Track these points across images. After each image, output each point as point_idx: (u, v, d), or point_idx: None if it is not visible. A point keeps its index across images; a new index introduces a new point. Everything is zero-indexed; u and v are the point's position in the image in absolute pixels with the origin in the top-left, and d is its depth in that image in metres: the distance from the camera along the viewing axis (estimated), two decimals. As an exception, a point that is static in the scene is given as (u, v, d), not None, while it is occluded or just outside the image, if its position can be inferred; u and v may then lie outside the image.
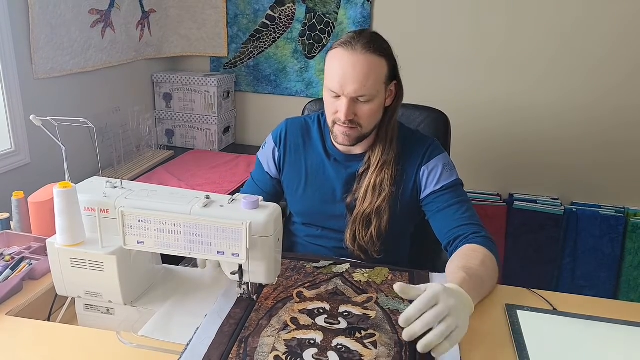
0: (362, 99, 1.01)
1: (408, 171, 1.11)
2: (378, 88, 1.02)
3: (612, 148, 2.07)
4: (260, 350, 0.75)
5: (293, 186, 1.18)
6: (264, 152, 1.22)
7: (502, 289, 0.97)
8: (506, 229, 2.13)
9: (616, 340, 0.81)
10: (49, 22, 1.61)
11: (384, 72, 1.03)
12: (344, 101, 1.02)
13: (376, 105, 1.04)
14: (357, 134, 1.06)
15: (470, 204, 1.09)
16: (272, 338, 0.78)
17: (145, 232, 0.81)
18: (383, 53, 1.02)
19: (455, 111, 1.62)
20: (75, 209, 0.83)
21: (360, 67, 0.99)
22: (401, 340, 0.77)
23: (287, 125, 1.20)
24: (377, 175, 1.08)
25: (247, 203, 0.81)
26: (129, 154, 2.02)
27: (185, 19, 2.31)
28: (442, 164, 1.10)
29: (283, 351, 0.75)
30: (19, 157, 1.57)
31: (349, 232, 1.11)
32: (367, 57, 0.99)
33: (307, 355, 0.74)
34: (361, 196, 1.09)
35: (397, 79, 1.08)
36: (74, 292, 0.88)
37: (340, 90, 1.01)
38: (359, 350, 0.75)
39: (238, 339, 0.77)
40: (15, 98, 1.54)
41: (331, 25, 2.20)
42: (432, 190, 1.09)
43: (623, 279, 2.09)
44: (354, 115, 1.03)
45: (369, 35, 1.03)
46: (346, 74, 1.00)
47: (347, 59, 1.00)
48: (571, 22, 1.98)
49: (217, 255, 0.80)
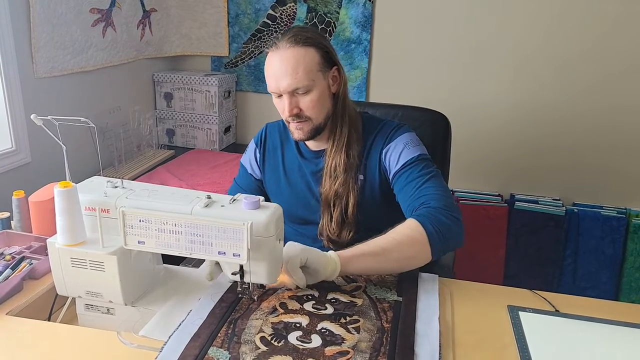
0: (300, 92, 1.04)
1: (373, 157, 1.12)
2: (312, 77, 1.03)
3: (614, 149, 2.06)
4: (247, 331, 0.79)
5: (273, 186, 1.22)
6: (247, 155, 1.26)
7: (504, 290, 0.96)
8: (507, 230, 2.13)
9: (618, 341, 0.81)
10: (49, 21, 1.61)
11: (314, 61, 1.04)
12: (285, 98, 1.05)
13: (317, 95, 1.05)
14: (309, 126, 1.08)
15: (435, 176, 1.06)
16: (260, 320, 0.82)
17: (146, 232, 0.81)
18: (308, 42, 1.03)
19: (457, 112, 1.62)
20: (76, 208, 0.83)
21: (287, 61, 1.02)
22: (384, 327, 0.81)
23: (266, 129, 1.25)
24: (332, 161, 1.10)
25: (248, 203, 0.80)
26: (130, 153, 2.02)
27: (186, 18, 2.31)
28: (403, 142, 1.09)
29: (269, 332, 0.79)
30: (19, 156, 1.57)
31: (320, 223, 1.14)
32: (292, 50, 1.02)
33: (292, 337, 0.78)
34: (322, 183, 1.12)
35: (336, 64, 1.09)
36: (74, 292, 0.88)
37: (277, 88, 1.05)
38: (342, 334, 0.79)
39: (228, 320, 0.81)
40: (16, 97, 1.54)
41: (332, 25, 2.20)
42: (395, 171, 1.08)
43: (624, 280, 2.09)
44: (299, 109, 1.06)
45: (293, 31, 1.05)
46: (277, 72, 1.03)
47: (275, 58, 1.04)
48: (572, 24, 1.97)
49: (218, 256, 0.80)
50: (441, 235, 0.93)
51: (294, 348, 0.75)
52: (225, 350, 0.74)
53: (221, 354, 0.74)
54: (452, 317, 0.86)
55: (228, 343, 0.76)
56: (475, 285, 0.97)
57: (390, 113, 1.38)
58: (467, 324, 0.85)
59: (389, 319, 0.83)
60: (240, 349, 0.75)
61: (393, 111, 1.39)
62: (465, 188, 2.22)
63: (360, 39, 2.18)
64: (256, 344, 0.76)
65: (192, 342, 0.76)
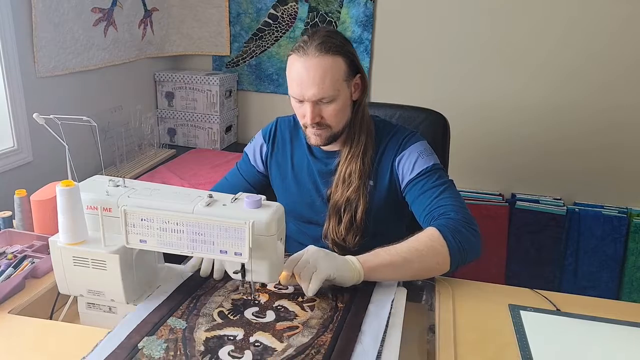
0: (325, 101, 1.02)
1: (385, 164, 1.11)
2: (338, 87, 1.02)
3: (616, 148, 2.06)
4: (208, 306, 0.84)
5: (279, 182, 1.20)
6: (252, 145, 1.25)
7: (506, 289, 0.96)
8: (508, 229, 2.13)
9: (619, 340, 0.81)
10: (51, 21, 1.61)
11: (341, 70, 1.02)
12: (307, 106, 1.03)
13: (340, 104, 1.04)
14: (328, 133, 1.07)
15: (451, 185, 1.06)
16: (222, 297, 0.87)
17: (147, 231, 0.81)
18: (337, 51, 1.01)
19: (459, 112, 1.62)
20: (77, 207, 0.83)
21: (315, 70, 0.99)
22: (338, 306, 0.85)
23: (277, 123, 1.23)
24: (347, 167, 1.09)
25: (250, 202, 0.80)
26: (131, 152, 2.02)
27: (188, 18, 2.31)
28: (417, 151, 1.09)
29: (228, 307, 0.84)
30: (21, 155, 1.57)
31: (326, 226, 1.13)
32: (320, 59, 0.99)
33: (248, 313, 0.83)
34: (333, 189, 1.11)
35: (360, 71, 1.08)
36: (76, 290, 0.88)
37: (301, 96, 1.02)
38: (296, 311, 0.84)
39: (192, 295, 0.87)
40: (18, 96, 1.54)
41: (334, 24, 2.20)
42: (409, 179, 1.08)
43: (626, 279, 2.08)
44: (320, 117, 1.04)
45: (322, 35, 1.01)
46: (303, 79, 1.00)
47: (302, 65, 1.00)
48: (571, 21, 1.97)
49: (219, 254, 0.80)
50: (461, 248, 0.93)
51: (247, 322, 0.80)
52: (184, 321, 0.80)
53: (179, 322, 0.80)
54: (453, 316, 0.86)
55: (187, 315, 0.82)
56: (476, 284, 0.97)
57: (389, 113, 1.38)
58: (468, 322, 0.85)
59: (344, 300, 0.86)
60: (198, 320, 0.80)
61: (391, 111, 1.39)
62: (466, 187, 2.21)
63: (361, 38, 2.18)
64: (213, 317, 0.81)
65: (155, 312, 0.82)
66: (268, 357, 0.72)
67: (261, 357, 0.72)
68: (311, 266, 0.85)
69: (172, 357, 0.72)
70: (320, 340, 0.76)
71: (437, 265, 0.92)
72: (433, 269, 0.93)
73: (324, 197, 1.14)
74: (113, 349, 0.73)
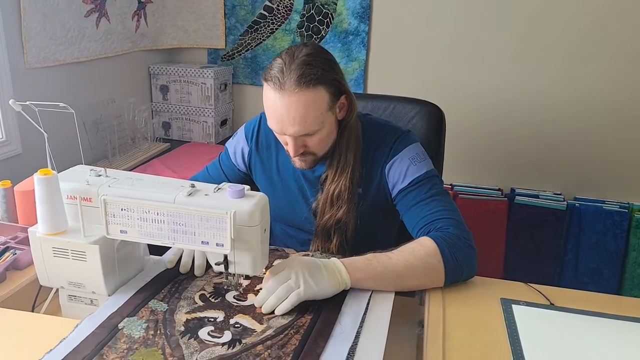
0: (309, 134, 0.96)
1: (374, 169, 1.05)
2: (322, 120, 0.95)
3: (616, 142, 2.03)
4: (190, 289, 0.86)
5: (265, 185, 1.15)
6: (233, 142, 1.18)
7: (499, 283, 0.94)
8: (507, 224, 2.10)
9: (614, 335, 0.78)
10: (41, 11, 1.59)
11: (324, 102, 0.94)
12: (289, 140, 0.97)
13: (325, 133, 0.98)
14: (312, 159, 1.02)
15: (445, 195, 1.01)
16: (205, 281, 0.88)
17: (128, 221, 0.79)
18: (318, 81, 0.91)
19: (457, 105, 1.59)
20: (57, 196, 0.81)
21: (295, 109, 0.91)
22: None
23: (260, 120, 1.15)
24: (335, 188, 1.02)
25: (232, 192, 0.78)
26: (124, 146, 2.00)
27: (183, 10, 2.28)
28: (408, 157, 1.02)
29: (209, 291, 0.86)
30: (10, 147, 1.55)
31: (314, 243, 1.08)
32: (300, 95, 0.90)
33: (229, 296, 0.84)
34: (320, 208, 1.05)
35: (345, 91, 0.99)
36: (56, 282, 0.86)
37: (281, 132, 0.96)
38: None
39: (174, 280, 0.88)
40: (6, 87, 1.52)
41: (330, 17, 2.17)
42: (400, 188, 1.02)
43: (627, 275, 2.05)
44: (304, 147, 0.98)
45: (299, 65, 0.91)
46: (282, 118, 0.93)
47: (279, 101, 0.92)
48: (568, 14, 1.93)
49: (201, 245, 0.78)
50: (458, 267, 0.89)
51: (228, 305, 0.82)
52: (165, 303, 0.82)
53: (160, 305, 0.81)
54: (442, 310, 0.84)
55: (169, 298, 0.83)
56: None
57: (384, 105, 1.35)
58: (457, 317, 0.82)
59: None
60: (179, 303, 0.82)
61: (386, 103, 1.36)
62: (464, 182, 2.19)
63: (358, 30, 2.15)
64: (194, 300, 0.83)
65: (136, 295, 0.84)
66: (247, 337, 0.74)
67: (240, 337, 0.74)
68: (293, 283, 0.80)
69: (152, 336, 0.73)
70: (299, 321, 0.78)
71: (430, 282, 0.89)
72: (425, 285, 0.89)
73: (310, 206, 1.09)
74: (93, 329, 0.74)
